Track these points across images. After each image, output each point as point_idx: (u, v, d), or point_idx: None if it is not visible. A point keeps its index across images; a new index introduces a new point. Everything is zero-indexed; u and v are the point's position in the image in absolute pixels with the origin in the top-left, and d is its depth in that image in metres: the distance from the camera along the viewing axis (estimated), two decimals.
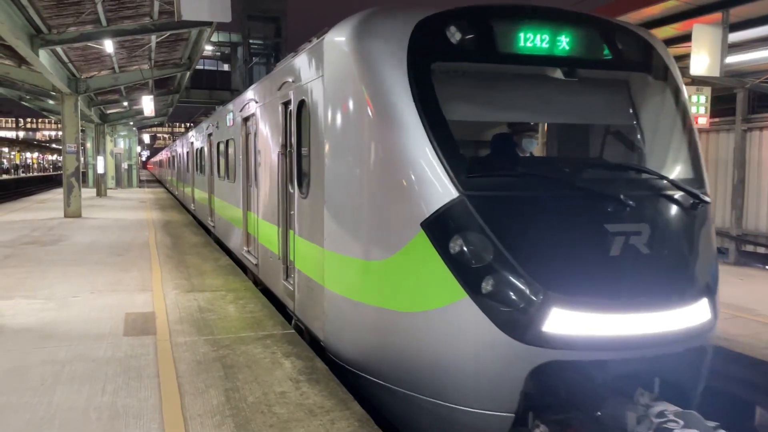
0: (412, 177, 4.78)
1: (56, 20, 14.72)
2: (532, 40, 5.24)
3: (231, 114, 12.28)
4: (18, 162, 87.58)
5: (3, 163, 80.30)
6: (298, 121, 6.88)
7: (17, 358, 6.02)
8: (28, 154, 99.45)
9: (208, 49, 48.09)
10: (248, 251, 10.63)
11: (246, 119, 10.54)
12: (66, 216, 20.67)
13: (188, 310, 7.98)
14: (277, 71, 8.20)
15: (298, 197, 6.92)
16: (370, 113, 5.06)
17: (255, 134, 9.64)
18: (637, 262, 4.73)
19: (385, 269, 5.02)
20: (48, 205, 27.41)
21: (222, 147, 13.79)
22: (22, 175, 77.35)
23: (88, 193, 30.74)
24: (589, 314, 4.48)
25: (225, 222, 13.36)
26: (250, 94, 10.31)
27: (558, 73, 5.34)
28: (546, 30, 5.28)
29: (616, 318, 4.54)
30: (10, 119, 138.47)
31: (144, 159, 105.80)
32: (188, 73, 24.13)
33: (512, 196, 4.83)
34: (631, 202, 4.83)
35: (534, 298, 4.43)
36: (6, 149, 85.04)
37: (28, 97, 29.15)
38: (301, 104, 6.69)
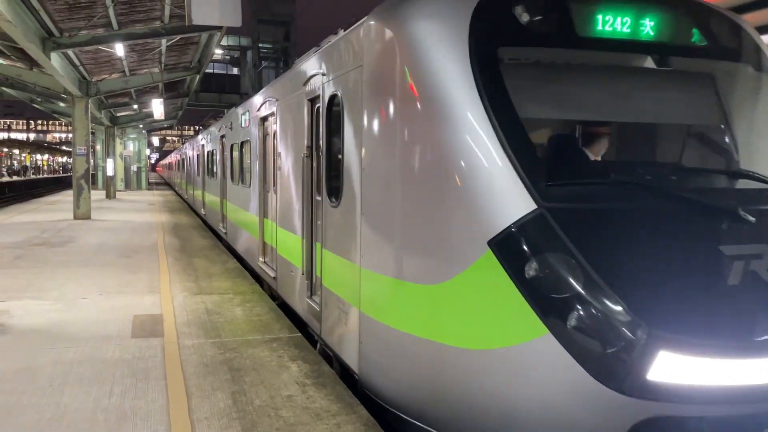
0: (478, 185, 3.96)
1: (68, 24, 14.86)
2: (616, 21, 4.38)
3: (247, 114, 11.54)
4: (28, 164, 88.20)
5: (14, 165, 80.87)
6: (328, 119, 6.09)
7: (26, 358, 6.06)
8: (39, 156, 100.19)
9: (218, 52, 48.35)
10: (265, 262, 9.98)
11: (264, 119, 9.88)
12: (75, 218, 20.81)
13: (196, 313, 8.01)
14: (302, 64, 7.32)
15: (327, 206, 6.08)
16: (423, 109, 4.29)
17: (274, 135, 8.88)
18: (762, 293, 3.78)
19: (440, 295, 4.16)
20: (58, 206, 27.59)
21: (236, 149, 13.03)
22: (32, 176, 77.88)
23: (97, 195, 30.93)
24: (705, 359, 3.54)
25: (238, 229, 12.66)
26: (269, 91, 9.58)
27: (648, 62, 4.57)
28: (631, 10, 4.42)
29: (740, 363, 3.59)
30: (21, 121, 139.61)
31: (153, 162, 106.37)
32: (198, 77, 24.27)
33: (604, 209, 3.96)
34: (751, 218, 3.92)
35: (636, 338, 3.49)
36: (17, 151, 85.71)
37: (39, 99, 29.40)
38: (333, 100, 5.94)
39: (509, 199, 3.86)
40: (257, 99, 10.45)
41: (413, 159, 4.42)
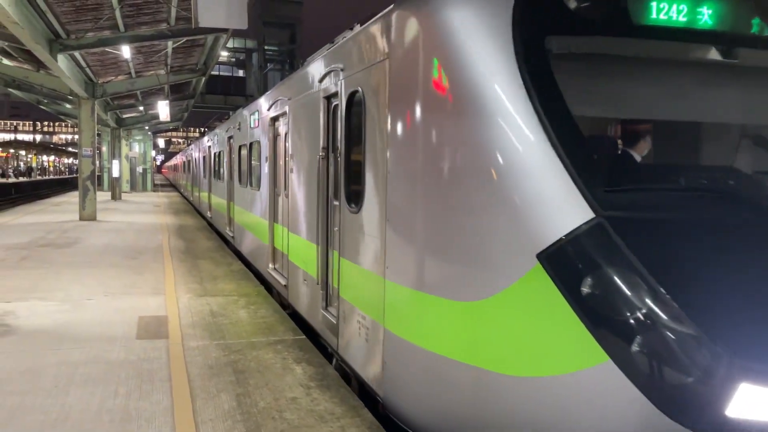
0: (525, 190, 3.49)
1: (75, 25, 14.93)
2: (674, 8, 3.86)
3: (256, 114, 11.04)
4: (34, 165, 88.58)
5: (20, 166, 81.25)
6: (347, 118, 5.63)
7: (32, 359, 6.08)
8: (45, 157, 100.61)
9: (224, 54, 48.50)
10: (275, 269, 9.46)
11: (274, 119, 9.45)
12: (81, 219, 20.88)
13: (201, 315, 8.03)
14: (317, 59, 6.84)
15: (345, 211, 5.63)
16: (459, 106, 3.82)
17: (286, 136, 8.44)
18: None
19: (480, 314, 3.71)
20: (63, 207, 27.69)
21: (245, 151, 12.48)
22: (38, 177, 78.21)
23: (102, 196, 31.04)
24: None
25: (246, 233, 12.18)
26: (279, 90, 9.08)
27: (711, 53, 4.06)
28: None
29: None
30: (27, 122, 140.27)
31: (158, 163, 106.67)
32: (204, 79, 24.34)
33: (671, 218, 3.48)
34: None
35: (713, 367, 3.04)
36: (23, 152, 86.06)
37: (45, 100, 29.53)
38: (353, 97, 5.51)
39: (563, 206, 3.40)
40: (267, 98, 10.05)
41: (447, 161, 3.95)
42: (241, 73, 57.58)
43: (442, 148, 4.03)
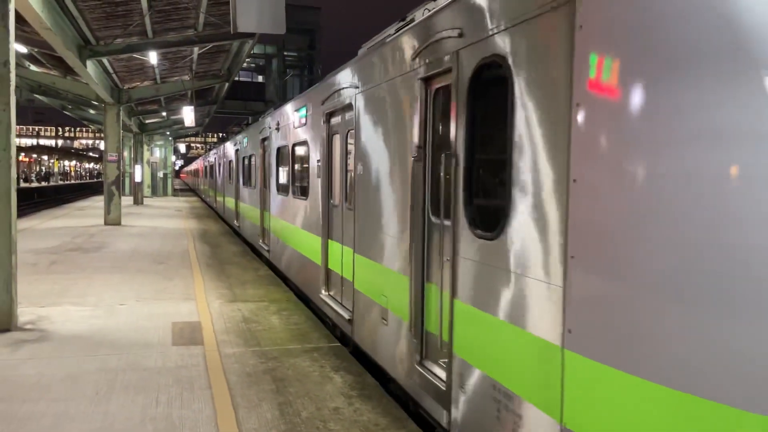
0: None
1: (104, 32, 15.06)
2: None
3: (303, 110, 9.42)
4: (56, 169, 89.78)
5: (42, 171, 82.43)
6: (470, 103, 4.09)
7: (71, 365, 6.07)
8: (66, 162, 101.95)
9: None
10: (331, 296, 7.95)
11: (331, 114, 7.93)
12: (106, 223, 21.05)
13: (233, 321, 7.99)
14: (411, 29, 5.21)
15: (466, 236, 4.09)
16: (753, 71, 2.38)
17: (349, 134, 7.06)
18: None
19: None
20: (87, 212, 27.95)
21: (284, 154, 11.03)
22: (60, 182, 79.23)
23: (125, 201, 31.30)
24: None
25: (288, 249, 10.67)
26: (341, 79, 7.36)
27: None
28: None
29: None
30: (49, 127, 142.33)
31: (177, 168, 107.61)
32: (227, 84, 24.47)
33: None
34: None
35: None
36: (46, 157, 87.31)
37: (70, 106, 29.88)
38: (483, 72, 3.97)
39: None
40: (319, 92, 8.41)
41: (693, 162, 2.49)
42: (260, 78, 57.87)
43: (709, 141, 2.46)
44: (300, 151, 9.75)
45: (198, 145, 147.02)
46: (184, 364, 6.17)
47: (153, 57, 17.13)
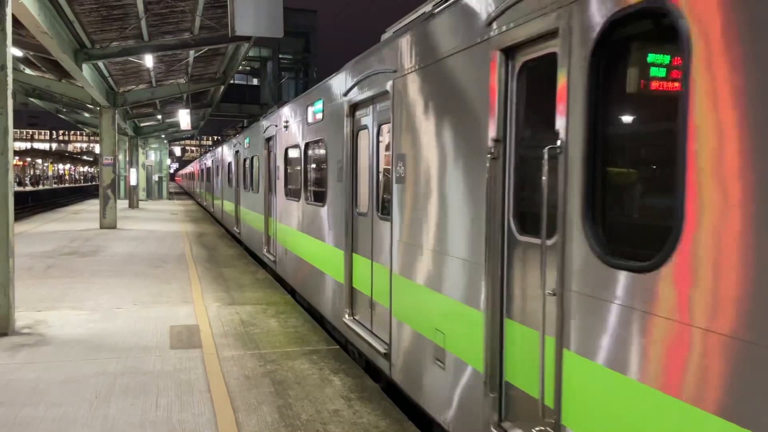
0: None
1: (100, 35, 15.05)
2: None
3: (318, 104, 8.10)
4: (51, 173, 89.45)
5: (35, 174, 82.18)
6: (593, 78, 2.96)
7: (69, 369, 6.06)
8: (60, 165, 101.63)
9: None
10: (357, 321, 6.75)
11: (357, 107, 6.66)
12: (102, 227, 21.00)
13: (231, 324, 7.99)
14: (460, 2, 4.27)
15: (586, 261, 2.97)
16: None
17: (383, 129, 5.94)
18: None
19: None
20: (82, 216, 27.88)
21: (294, 155, 9.83)
22: (55, 185, 78.99)
23: (120, 204, 31.24)
24: None
25: (302, 263, 9.24)
26: (370, 62, 6.14)
27: None
28: None
29: None
30: (44, 131, 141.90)
31: (172, 171, 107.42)
32: (222, 87, 24.46)
33: None
34: None
35: None
36: (40, 160, 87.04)
37: (64, 110, 29.80)
38: (617, 31, 2.85)
39: None
40: (342, 81, 7.07)
41: None
42: (255, 81, 57.85)
43: None
44: (314, 151, 8.66)
45: (193, 148, 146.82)
46: (182, 368, 6.17)
47: (149, 60, 17.11)
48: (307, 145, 8.96)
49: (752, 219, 2.11)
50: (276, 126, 11.38)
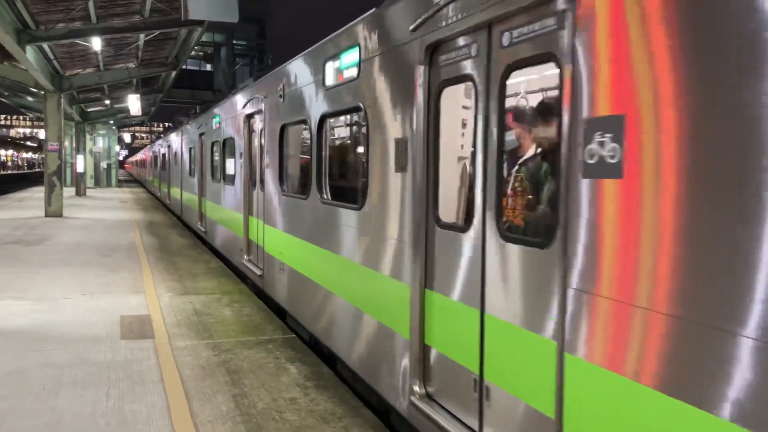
0: None
1: (44, 16, 14.48)
2: None
3: (351, 54, 5.48)
4: None
5: None
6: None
7: (14, 361, 5.86)
8: (2, 152, 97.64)
9: None
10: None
11: (439, 47, 4.06)
12: (47, 215, 20.30)
13: (184, 313, 7.86)
14: None
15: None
16: None
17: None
18: None
19: None
20: (27, 203, 26.90)
21: (300, 136, 7.58)
22: None
23: (66, 192, 30.22)
24: None
25: (305, 280, 6.80)
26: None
27: None
28: None
29: None
30: None
31: (121, 158, 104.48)
32: (174, 73, 23.91)
33: None
34: None
35: None
36: None
37: (6, 93, 28.62)
38: None
39: None
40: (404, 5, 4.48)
41: None
42: (208, 67, 56.68)
43: None
44: (341, 127, 6.33)
45: (143, 135, 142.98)
46: (134, 358, 6.05)
47: (97, 43, 16.56)
48: (325, 120, 6.19)
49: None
50: (264, 97, 8.59)
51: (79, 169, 33.37)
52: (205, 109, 17.90)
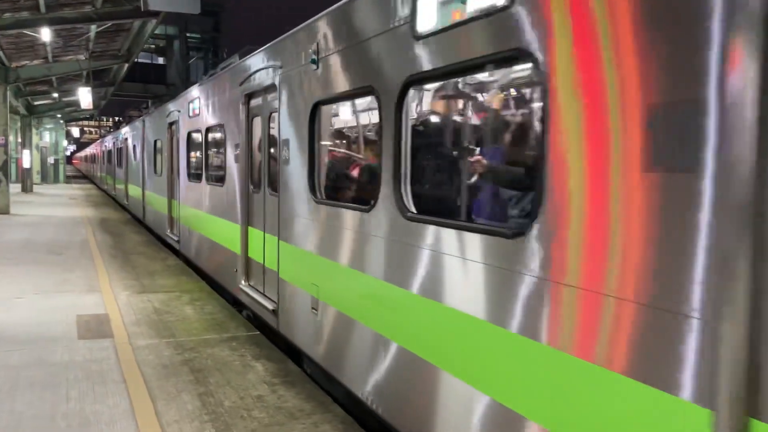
0: None
1: None
2: None
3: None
4: None
5: None
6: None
7: None
8: None
9: None
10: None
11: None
12: None
13: (144, 312, 7.68)
14: None
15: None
16: None
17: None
18: None
19: None
20: None
21: (331, 120, 5.73)
22: None
23: (12, 188, 29.10)
24: None
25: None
26: None
27: None
28: None
29: None
30: None
31: (69, 153, 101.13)
32: (126, 66, 23.26)
33: None
34: None
35: None
36: None
37: None
38: None
39: None
40: None
41: None
42: (161, 60, 55.38)
43: None
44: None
45: (93, 129, 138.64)
46: (93, 358, 5.88)
47: (45, 34, 15.95)
48: (409, 86, 3.90)
49: None
50: (272, 67, 6.40)
51: (26, 164, 32.20)
52: (157, 103, 17.34)
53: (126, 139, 21.55)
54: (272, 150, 6.68)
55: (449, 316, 3.45)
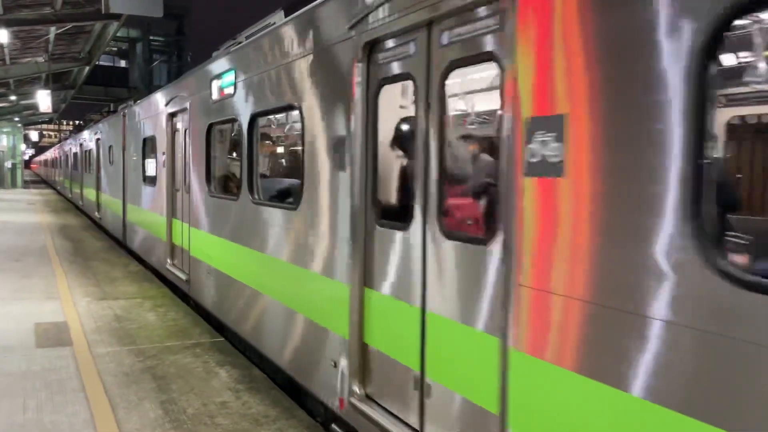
0: None
1: None
2: None
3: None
4: None
5: None
6: None
7: None
8: None
9: None
10: None
11: None
12: None
13: (104, 319, 7.54)
14: None
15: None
16: None
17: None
18: None
19: None
20: None
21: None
22: None
23: None
24: None
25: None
26: None
27: None
28: None
29: None
30: None
31: (27, 158, 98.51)
32: (87, 68, 22.83)
33: None
34: None
35: None
36: None
37: None
38: None
39: None
40: None
41: None
42: (123, 63, 54.44)
43: None
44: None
45: (52, 133, 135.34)
46: (52, 367, 5.75)
47: (3, 35, 15.53)
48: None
49: None
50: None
51: None
52: (118, 106, 16.55)
53: (98, 138, 18.08)
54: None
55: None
